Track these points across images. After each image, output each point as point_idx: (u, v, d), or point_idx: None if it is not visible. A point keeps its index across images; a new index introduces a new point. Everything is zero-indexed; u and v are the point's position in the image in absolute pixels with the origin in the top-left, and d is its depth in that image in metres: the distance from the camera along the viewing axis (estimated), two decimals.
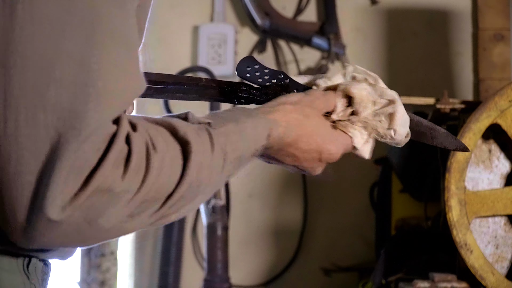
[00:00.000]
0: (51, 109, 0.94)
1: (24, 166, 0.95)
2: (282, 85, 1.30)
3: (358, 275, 3.23)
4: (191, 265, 3.31)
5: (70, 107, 0.94)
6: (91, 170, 0.94)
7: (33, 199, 0.95)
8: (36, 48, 0.95)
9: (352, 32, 3.36)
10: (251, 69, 1.31)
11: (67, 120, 0.94)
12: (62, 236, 0.97)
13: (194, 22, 3.35)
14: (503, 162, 2.36)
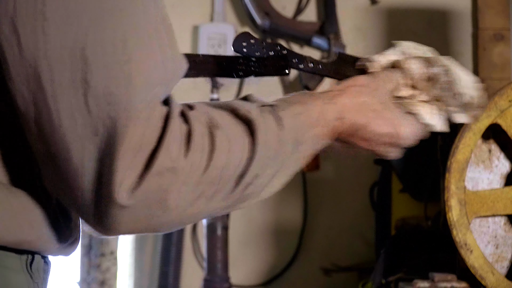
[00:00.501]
0: (100, 95, 0.95)
1: (86, 155, 0.95)
2: (280, 56, 1.29)
3: (358, 275, 3.23)
4: (191, 265, 3.31)
5: (115, 91, 0.95)
6: (152, 151, 0.94)
7: (99, 187, 0.95)
8: (69, 37, 0.95)
9: (352, 32, 3.36)
10: (248, 44, 1.30)
11: (116, 104, 0.94)
12: (136, 221, 0.96)
13: (194, 22, 3.35)
14: (503, 162, 2.36)
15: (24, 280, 1.09)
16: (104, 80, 0.95)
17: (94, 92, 0.95)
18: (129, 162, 0.94)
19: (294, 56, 1.30)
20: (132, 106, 0.95)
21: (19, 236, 1.06)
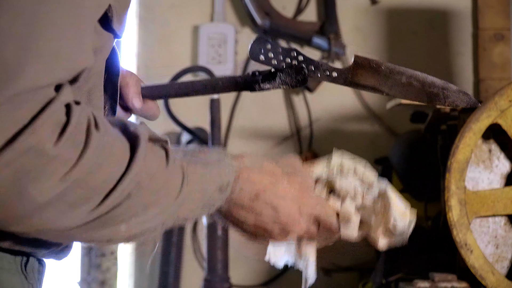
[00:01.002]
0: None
1: None
2: (297, 67, 1.28)
3: (358, 275, 3.23)
4: (191, 265, 3.31)
5: (9, 58, 0.88)
6: (20, 129, 0.87)
7: None
8: None
9: (352, 32, 3.36)
10: (264, 51, 1.31)
11: (5, 72, 0.88)
12: None
13: (194, 22, 3.35)
14: (503, 162, 2.36)
15: (18, 281, 1.09)
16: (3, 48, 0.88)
17: None
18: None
19: (310, 62, 1.29)
20: (18, 78, 0.88)
21: (12, 239, 1.05)
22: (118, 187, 0.94)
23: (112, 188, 0.94)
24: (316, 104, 3.35)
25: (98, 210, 0.94)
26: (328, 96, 3.34)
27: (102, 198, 0.94)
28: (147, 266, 3.30)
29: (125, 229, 0.98)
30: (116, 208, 0.96)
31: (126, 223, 0.98)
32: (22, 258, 1.09)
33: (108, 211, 0.95)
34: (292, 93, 3.34)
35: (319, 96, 3.33)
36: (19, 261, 1.09)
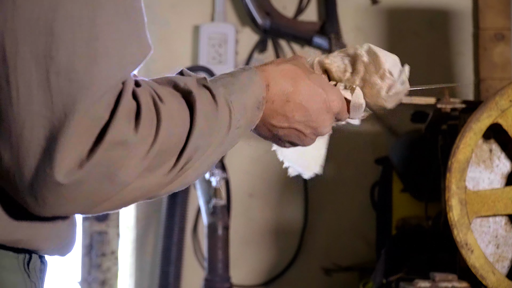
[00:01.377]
0: (62, 71, 0.94)
1: (39, 133, 0.95)
2: None
3: (358, 275, 3.23)
4: (191, 264, 3.31)
5: (78, 68, 0.95)
6: (104, 126, 0.95)
7: (42, 164, 0.95)
8: (38, 10, 0.94)
9: (353, 32, 3.36)
10: None
11: (78, 82, 0.95)
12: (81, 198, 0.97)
13: (194, 21, 3.35)
14: (503, 162, 2.36)
15: (21, 279, 1.09)
16: (68, 57, 0.95)
17: (57, 68, 0.94)
18: (78, 138, 0.94)
19: None
20: (93, 85, 0.95)
21: (16, 235, 1.06)
22: (188, 145, 1.02)
23: (183, 147, 1.02)
24: None
25: (175, 169, 1.02)
26: None
27: (176, 159, 1.02)
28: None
29: (192, 173, 1.06)
30: (189, 163, 1.04)
31: (192, 169, 1.05)
32: (24, 256, 1.09)
33: (182, 167, 1.03)
34: None
35: None
36: (21, 259, 1.09)
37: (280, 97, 1.18)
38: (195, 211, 3.32)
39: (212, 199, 2.93)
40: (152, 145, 0.98)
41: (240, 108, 1.12)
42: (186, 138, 1.03)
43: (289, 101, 1.19)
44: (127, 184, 0.99)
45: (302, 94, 1.19)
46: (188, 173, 1.06)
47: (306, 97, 1.20)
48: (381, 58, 1.29)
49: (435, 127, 2.56)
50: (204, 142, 1.06)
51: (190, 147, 1.03)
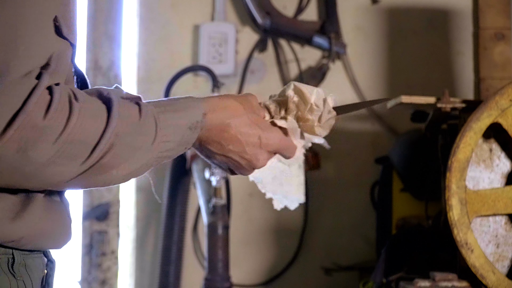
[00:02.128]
0: None
1: None
2: None
3: (358, 274, 3.23)
4: (192, 264, 3.32)
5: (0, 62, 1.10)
6: (16, 111, 1.10)
7: None
8: None
9: (353, 31, 3.36)
10: None
11: None
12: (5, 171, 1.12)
13: (194, 21, 3.35)
14: (503, 161, 2.36)
15: (5, 279, 1.17)
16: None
17: None
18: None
19: None
20: (8, 75, 1.10)
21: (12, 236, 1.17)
22: (101, 140, 1.15)
23: (97, 142, 1.15)
24: None
25: (89, 161, 1.15)
26: None
27: (90, 151, 1.15)
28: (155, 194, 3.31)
29: (116, 173, 1.19)
30: (103, 158, 1.16)
31: (115, 169, 1.18)
32: (8, 259, 1.18)
33: (97, 161, 1.16)
34: None
35: None
36: (4, 261, 1.17)
37: (217, 127, 1.31)
38: (195, 211, 3.32)
39: (212, 199, 2.93)
40: (62, 133, 1.12)
41: (170, 124, 1.24)
42: (100, 134, 1.15)
43: (225, 132, 1.32)
44: (40, 163, 1.12)
45: (238, 128, 1.33)
46: (112, 172, 1.18)
47: (241, 131, 1.33)
48: (306, 94, 1.41)
49: (435, 127, 2.56)
50: (122, 143, 1.17)
51: (103, 142, 1.15)
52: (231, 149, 1.33)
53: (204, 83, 3.32)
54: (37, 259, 1.24)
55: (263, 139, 1.35)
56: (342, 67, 3.36)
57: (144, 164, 1.22)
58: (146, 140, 1.21)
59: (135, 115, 1.20)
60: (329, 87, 3.33)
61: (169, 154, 1.25)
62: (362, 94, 3.33)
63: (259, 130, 1.35)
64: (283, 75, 3.36)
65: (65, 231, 1.27)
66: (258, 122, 1.35)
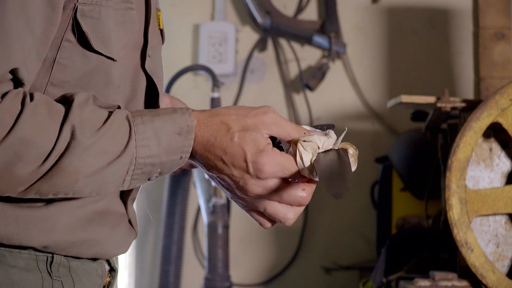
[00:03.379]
0: None
1: None
2: None
3: (358, 274, 3.23)
4: (191, 263, 3.32)
5: None
6: None
7: None
8: None
9: (353, 31, 3.36)
10: None
11: None
12: None
13: (194, 20, 3.35)
14: (504, 161, 2.36)
15: (38, 277, 1.16)
16: None
17: None
18: None
19: None
20: None
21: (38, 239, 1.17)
22: (57, 141, 1.07)
23: (54, 142, 1.07)
24: (316, 103, 3.35)
25: (46, 164, 1.08)
26: (329, 95, 3.34)
27: (47, 153, 1.07)
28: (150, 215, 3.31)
29: (85, 179, 1.10)
30: (62, 160, 1.08)
31: (81, 174, 1.10)
32: (46, 257, 1.18)
33: (55, 163, 1.08)
34: (293, 92, 3.35)
35: (320, 95, 3.33)
36: (43, 260, 1.17)
37: (203, 145, 1.17)
38: (195, 210, 3.32)
39: (212, 198, 2.93)
40: (9, 132, 1.05)
41: (149, 128, 1.13)
42: (56, 135, 1.07)
43: (209, 151, 1.17)
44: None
45: (220, 150, 1.16)
46: (74, 174, 1.10)
47: (223, 152, 1.16)
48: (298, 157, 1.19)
49: (435, 126, 2.56)
50: (82, 144, 1.08)
51: (59, 143, 1.07)
52: (220, 168, 1.17)
53: (204, 82, 3.32)
54: (91, 264, 1.24)
55: (252, 163, 1.15)
56: (342, 67, 3.36)
57: (120, 169, 1.12)
58: (115, 144, 1.11)
59: (101, 117, 1.11)
60: (329, 87, 3.33)
61: (154, 161, 1.14)
62: (362, 93, 3.33)
63: (246, 154, 1.15)
64: (283, 74, 3.36)
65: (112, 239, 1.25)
66: (253, 143, 1.15)
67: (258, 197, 1.18)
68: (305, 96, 3.33)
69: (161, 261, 3.21)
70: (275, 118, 1.18)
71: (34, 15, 1.09)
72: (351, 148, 1.24)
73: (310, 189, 1.20)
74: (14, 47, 1.08)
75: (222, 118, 1.17)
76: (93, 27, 1.15)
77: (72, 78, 1.16)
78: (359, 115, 3.35)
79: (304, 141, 1.18)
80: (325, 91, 3.33)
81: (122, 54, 1.21)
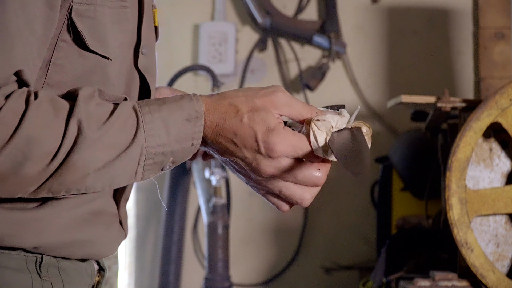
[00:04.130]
0: None
1: None
2: None
3: (358, 274, 3.23)
4: (192, 263, 3.32)
5: None
6: None
7: None
8: None
9: (353, 31, 3.36)
10: None
11: None
12: None
13: (194, 20, 3.35)
14: (503, 161, 2.36)
15: (27, 278, 1.15)
16: None
17: None
18: None
19: None
20: None
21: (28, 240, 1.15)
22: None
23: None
24: (316, 103, 3.34)
25: (56, 161, 1.06)
26: (329, 95, 3.34)
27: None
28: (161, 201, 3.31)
29: (95, 174, 1.08)
30: (71, 156, 1.06)
31: (91, 168, 1.08)
32: (36, 258, 1.16)
33: (65, 159, 1.06)
34: (293, 92, 3.34)
35: (320, 95, 3.33)
36: (32, 260, 1.16)
37: (213, 129, 1.15)
38: (195, 210, 3.32)
39: (212, 198, 2.93)
40: (15, 132, 1.04)
41: (157, 117, 1.12)
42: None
43: (220, 135, 1.15)
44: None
45: (230, 132, 1.14)
46: (83, 170, 1.08)
47: (234, 134, 1.14)
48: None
49: (435, 126, 2.56)
50: (89, 138, 1.07)
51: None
52: (232, 151, 1.15)
53: (204, 82, 3.32)
54: (81, 264, 1.23)
55: (263, 142, 1.13)
56: (342, 67, 3.35)
57: (131, 161, 1.11)
58: (123, 135, 1.10)
59: (107, 110, 1.09)
60: (329, 87, 3.33)
61: (165, 150, 1.12)
62: (362, 93, 3.33)
63: (257, 134, 1.13)
64: (283, 74, 3.36)
65: (102, 240, 1.24)
66: (262, 123, 1.13)
67: (272, 178, 1.16)
68: (305, 96, 3.33)
69: (161, 261, 3.21)
70: (285, 97, 1.16)
71: (34, 15, 1.08)
72: (364, 127, 1.21)
73: (325, 169, 1.19)
74: (16, 48, 1.07)
75: (230, 100, 1.15)
76: (88, 26, 1.15)
77: (68, 79, 1.15)
78: (359, 115, 3.35)
79: (317, 120, 1.16)
80: (325, 91, 3.33)
81: (118, 53, 1.20)
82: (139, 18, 1.26)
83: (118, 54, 1.20)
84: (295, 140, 1.14)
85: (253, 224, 3.34)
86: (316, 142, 1.15)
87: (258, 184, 1.18)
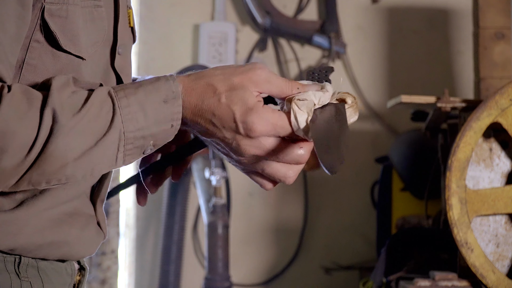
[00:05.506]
0: None
1: None
2: None
3: (358, 274, 3.23)
4: (192, 263, 3.32)
5: None
6: None
7: None
8: None
9: (353, 31, 3.36)
10: None
11: None
12: None
13: (194, 20, 3.36)
14: (503, 161, 2.36)
15: (7, 278, 1.15)
16: None
17: None
18: None
19: None
20: None
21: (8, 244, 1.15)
22: (40, 127, 1.05)
23: (37, 130, 1.04)
24: None
25: (32, 154, 1.05)
26: None
27: (29, 147, 1.05)
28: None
29: (74, 163, 1.07)
30: (48, 147, 1.05)
31: (70, 158, 1.06)
32: (14, 259, 1.16)
33: (42, 150, 1.05)
34: None
35: None
36: (10, 261, 1.16)
37: (191, 110, 1.13)
38: (195, 210, 3.32)
39: (212, 198, 2.93)
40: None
41: (133, 100, 1.10)
42: (38, 121, 1.05)
43: (199, 116, 1.13)
44: None
45: (209, 113, 1.12)
46: (62, 159, 1.07)
47: (212, 115, 1.12)
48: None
49: (435, 126, 2.56)
50: (66, 127, 1.06)
51: (42, 130, 1.04)
52: (211, 132, 1.12)
53: None
54: (60, 264, 1.22)
55: (241, 122, 1.10)
56: (342, 67, 3.36)
57: (110, 147, 1.09)
58: (100, 121, 1.08)
59: (82, 97, 1.08)
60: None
61: (144, 133, 1.10)
62: (362, 93, 3.33)
63: (235, 114, 1.10)
64: (283, 74, 3.36)
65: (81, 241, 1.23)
66: (241, 103, 1.11)
67: (255, 158, 1.13)
68: None
69: (161, 261, 3.21)
70: (265, 74, 1.13)
71: (6, 13, 1.07)
72: (349, 98, 1.17)
73: (308, 147, 1.14)
74: None
75: (207, 80, 1.13)
76: (61, 26, 1.14)
77: (42, 79, 1.13)
78: (359, 115, 3.34)
79: (298, 99, 1.12)
80: None
81: (92, 52, 1.19)
82: (115, 17, 1.25)
83: (92, 54, 1.19)
84: (275, 119, 1.11)
85: (253, 224, 3.34)
86: (297, 122, 1.11)
87: (241, 164, 1.16)
